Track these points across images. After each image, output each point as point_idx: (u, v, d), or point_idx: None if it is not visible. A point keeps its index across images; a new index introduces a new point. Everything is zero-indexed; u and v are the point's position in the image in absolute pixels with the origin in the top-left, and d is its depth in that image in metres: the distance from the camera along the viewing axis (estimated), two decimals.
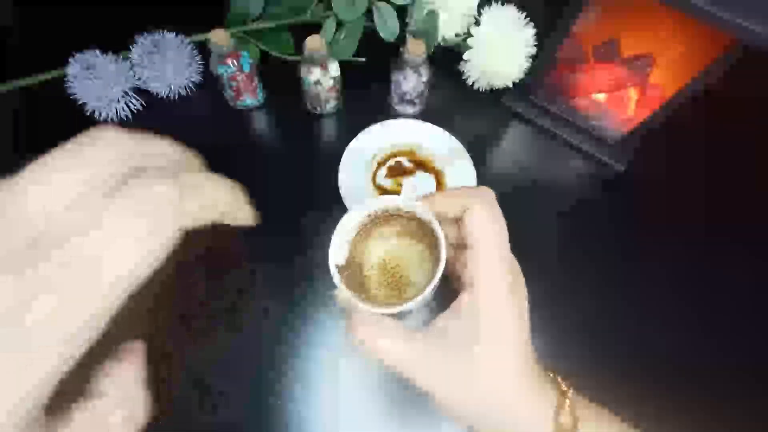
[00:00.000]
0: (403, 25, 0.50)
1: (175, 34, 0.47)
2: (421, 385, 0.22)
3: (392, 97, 0.50)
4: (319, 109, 0.50)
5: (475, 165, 0.47)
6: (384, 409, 0.37)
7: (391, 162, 0.48)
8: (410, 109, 0.51)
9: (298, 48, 0.47)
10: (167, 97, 0.49)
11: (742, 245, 0.47)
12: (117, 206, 0.11)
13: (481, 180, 0.46)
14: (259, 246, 0.42)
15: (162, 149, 0.15)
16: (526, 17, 0.47)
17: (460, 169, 0.47)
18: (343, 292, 0.24)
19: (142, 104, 0.48)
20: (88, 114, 0.46)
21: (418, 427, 0.36)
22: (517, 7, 0.48)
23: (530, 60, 0.49)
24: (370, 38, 0.50)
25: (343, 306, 0.24)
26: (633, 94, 0.49)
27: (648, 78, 0.48)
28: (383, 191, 0.46)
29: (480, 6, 0.48)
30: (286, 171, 0.47)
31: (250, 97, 0.49)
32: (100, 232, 0.11)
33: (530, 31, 0.48)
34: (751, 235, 0.48)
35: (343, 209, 0.43)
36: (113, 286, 0.11)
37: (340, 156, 0.46)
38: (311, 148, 0.49)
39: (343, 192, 0.44)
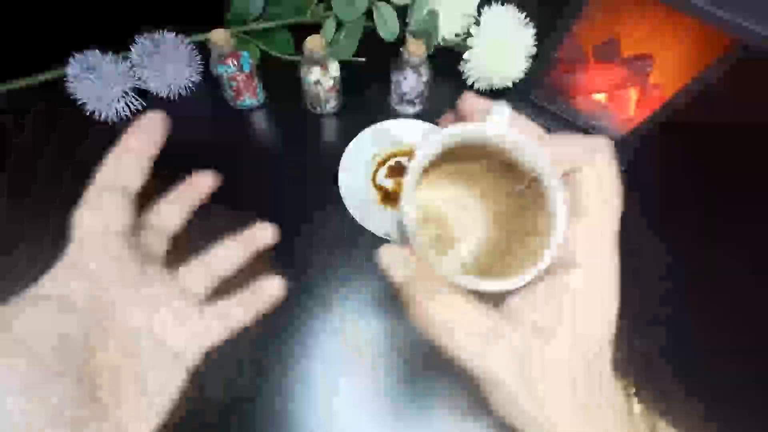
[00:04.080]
0: (403, 25, 0.50)
1: (175, 34, 0.47)
2: (485, 374, 0.17)
3: (392, 97, 0.50)
4: (319, 109, 0.50)
5: None
6: (384, 410, 0.37)
7: (391, 162, 0.48)
8: (410, 109, 0.51)
9: (298, 48, 0.47)
10: (167, 97, 0.49)
11: (742, 245, 0.47)
12: None
13: None
14: None
15: None
16: (526, 17, 0.47)
17: None
18: (422, 248, 0.17)
19: (142, 104, 0.48)
20: (88, 114, 0.46)
21: (418, 427, 0.36)
22: (517, 7, 0.48)
23: (530, 60, 0.49)
24: (370, 38, 0.50)
25: (401, 268, 0.18)
26: (633, 94, 0.49)
27: (648, 78, 0.48)
28: (383, 191, 0.46)
29: (480, 6, 0.48)
30: (286, 171, 0.47)
31: (250, 97, 0.49)
32: None
33: (530, 31, 0.48)
34: (752, 236, 0.48)
35: (343, 209, 0.43)
36: None
37: (340, 156, 0.46)
38: (311, 148, 0.49)
39: (343, 192, 0.44)
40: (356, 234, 0.42)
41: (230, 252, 0.23)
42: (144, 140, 0.20)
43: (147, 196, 0.20)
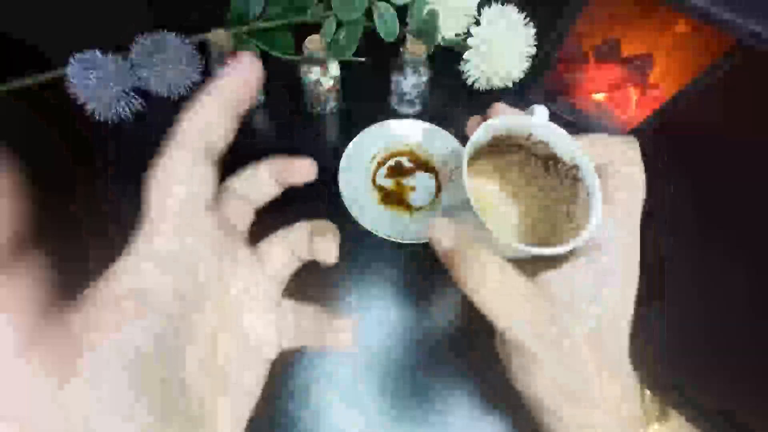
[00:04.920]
0: (403, 25, 0.50)
1: (175, 34, 0.47)
2: (519, 340, 0.18)
3: (392, 97, 0.50)
4: (319, 109, 0.50)
5: None
6: (385, 410, 0.37)
7: (391, 162, 0.48)
8: (410, 109, 0.51)
9: (298, 48, 0.47)
10: (167, 97, 0.49)
11: (742, 245, 0.47)
12: None
13: None
14: None
15: None
16: (526, 17, 0.47)
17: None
18: (479, 214, 0.19)
19: (142, 104, 0.48)
20: (88, 114, 0.46)
21: (420, 427, 0.36)
22: (517, 7, 0.48)
23: (530, 60, 0.49)
24: (370, 38, 0.50)
25: (452, 237, 0.19)
26: (633, 94, 0.49)
27: (648, 78, 0.48)
28: (383, 191, 0.46)
29: (480, 6, 0.48)
30: None
31: None
32: None
33: (530, 31, 0.48)
34: (751, 235, 0.48)
35: (343, 209, 0.43)
36: None
37: (340, 156, 0.46)
38: (311, 148, 0.49)
39: (343, 192, 0.44)
40: (356, 234, 0.42)
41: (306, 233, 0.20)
42: (239, 89, 0.16)
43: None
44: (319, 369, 0.37)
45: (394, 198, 0.46)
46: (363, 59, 0.50)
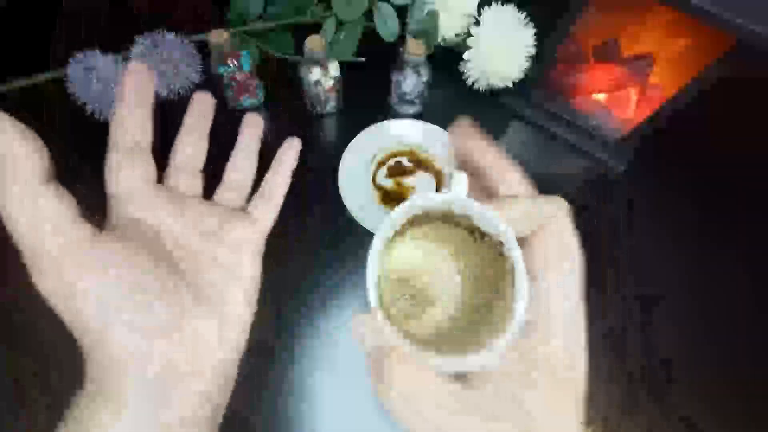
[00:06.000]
0: (403, 25, 0.50)
1: (175, 34, 0.47)
2: None
3: (392, 97, 0.50)
4: (319, 109, 0.50)
5: None
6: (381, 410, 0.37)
7: (391, 162, 0.48)
8: (410, 109, 0.51)
9: (298, 48, 0.47)
10: (167, 97, 0.49)
11: (742, 245, 0.47)
12: None
13: None
14: None
15: None
16: (526, 17, 0.47)
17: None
18: (380, 325, 0.17)
19: None
20: (88, 114, 0.46)
21: None
22: (517, 7, 0.48)
23: (530, 60, 0.49)
24: (370, 38, 0.50)
25: (368, 339, 0.17)
26: (633, 94, 0.49)
27: (648, 78, 0.48)
28: (383, 191, 0.46)
29: (480, 6, 0.48)
30: None
31: (250, 97, 0.49)
32: None
33: (530, 31, 0.47)
34: (750, 235, 0.48)
35: (343, 209, 0.43)
36: None
37: (340, 156, 0.46)
38: (311, 148, 0.49)
39: (343, 192, 0.44)
40: (356, 233, 0.42)
41: (247, 164, 0.27)
42: (142, 94, 0.21)
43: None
44: (319, 368, 0.37)
45: (394, 198, 0.46)
46: (363, 59, 0.50)
